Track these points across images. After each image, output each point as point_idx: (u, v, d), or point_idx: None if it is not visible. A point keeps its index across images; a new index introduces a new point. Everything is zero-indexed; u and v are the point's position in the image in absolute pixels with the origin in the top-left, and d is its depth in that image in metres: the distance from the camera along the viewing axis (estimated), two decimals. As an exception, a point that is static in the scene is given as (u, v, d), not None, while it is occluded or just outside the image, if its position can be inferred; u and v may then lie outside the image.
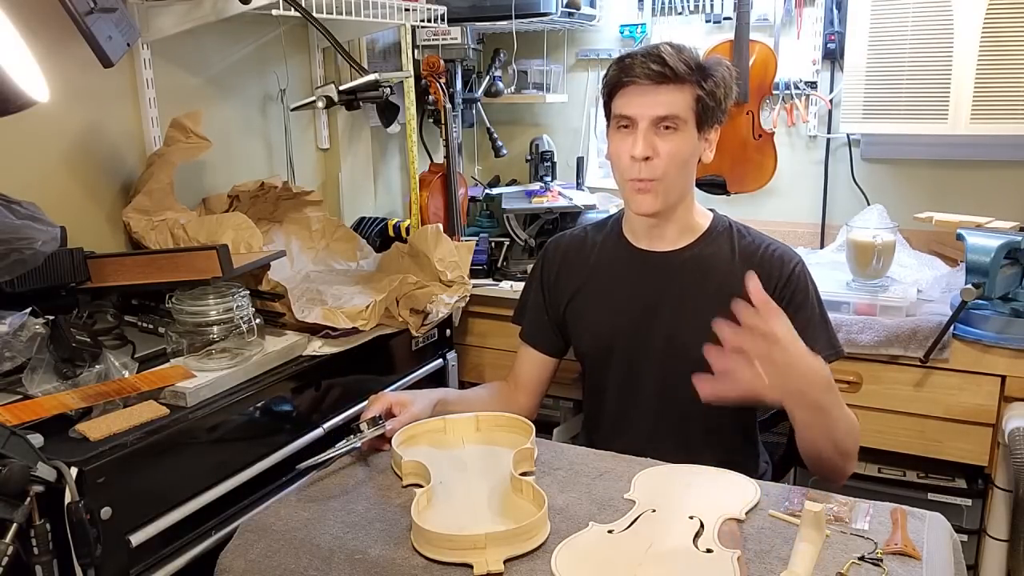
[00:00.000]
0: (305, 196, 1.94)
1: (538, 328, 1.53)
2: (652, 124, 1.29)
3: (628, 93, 1.31)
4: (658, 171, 1.30)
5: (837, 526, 1.03)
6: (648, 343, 1.40)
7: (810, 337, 1.32)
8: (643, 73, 1.28)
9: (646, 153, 1.29)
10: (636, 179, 1.32)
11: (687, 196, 1.40)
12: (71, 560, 1.02)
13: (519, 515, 1.03)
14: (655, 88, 1.28)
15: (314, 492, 1.15)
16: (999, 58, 1.80)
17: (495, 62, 2.41)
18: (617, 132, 1.34)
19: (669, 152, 1.30)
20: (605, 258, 1.47)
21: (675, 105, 1.29)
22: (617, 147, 1.34)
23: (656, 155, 1.30)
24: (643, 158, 1.29)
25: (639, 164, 1.30)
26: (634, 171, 1.31)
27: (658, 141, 1.30)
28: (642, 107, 1.29)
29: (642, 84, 1.29)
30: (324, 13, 1.70)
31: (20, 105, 1.13)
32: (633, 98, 1.30)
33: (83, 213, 1.59)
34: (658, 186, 1.32)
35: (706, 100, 1.30)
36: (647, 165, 1.30)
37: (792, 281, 1.36)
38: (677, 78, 1.28)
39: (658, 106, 1.29)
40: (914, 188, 2.19)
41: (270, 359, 1.43)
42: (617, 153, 1.34)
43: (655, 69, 1.27)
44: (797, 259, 1.39)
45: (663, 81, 1.28)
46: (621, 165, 1.34)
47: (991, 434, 1.68)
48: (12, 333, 1.23)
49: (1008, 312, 1.63)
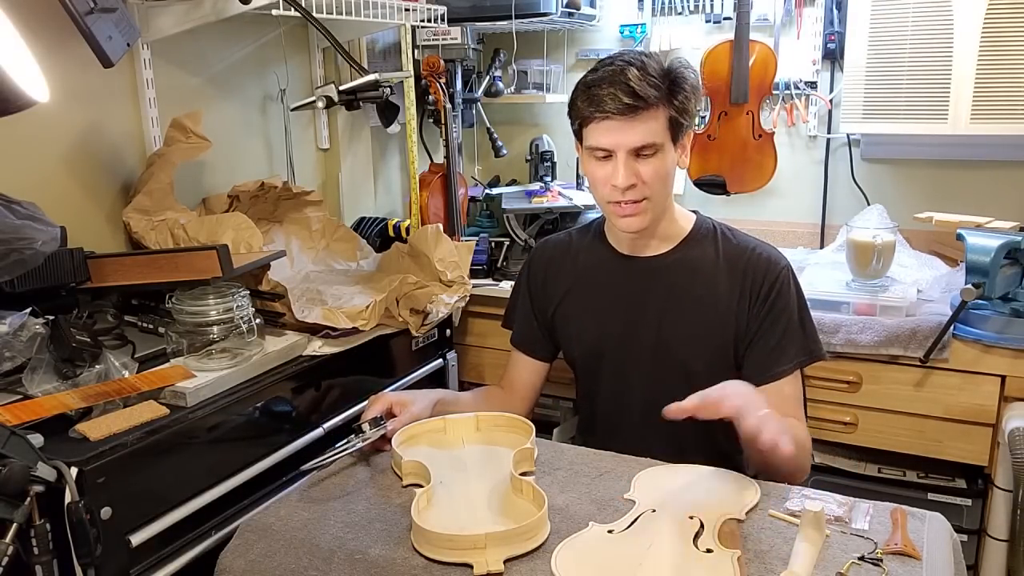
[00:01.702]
0: (305, 196, 1.94)
1: (528, 334, 1.53)
2: (630, 155, 1.27)
3: (600, 128, 1.28)
4: (644, 193, 1.30)
5: (837, 526, 1.03)
6: (636, 347, 1.40)
7: (782, 345, 1.34)
8: (614, 108, 1.24)
9: (629, 182, 1.28)
10: (619, 203, 1.30)
11: (669, 203, 1.39)
12: (71, 560, 1.02)
13: (519, 515, 1.03)
14: (628, 121, 1.25)
15: (314, 492, 1.15)
16: (999, 58, 1.79)
17: (495, 62, 2.41)
18: (593, 160, 1.32)
19: (652, 174, 1.29)
20: (590, 263, 1.47)
21: (650, 133, 1.26)
22: (595, 173, 1.32)
23: (640, 181, 1.28)
24: (627, 186, 1.28)
25: (621, 191, 1.29)
26: (616, 196, 1.30)
27: (639, 166, 1.28)
28: (619, 138, 1.27)
29: (614, 119, 1.26)
30: (324, 13, 1.70)
31: (20, 105, 1.13)
32: (606, 133, 1.27)
33: (83, 213, 1.59)
34: (645, 206, 1.31)
35: (678, 118, 1.29)
36: (632, 190, 1.29)
37: (775, 286, 1.35)
38: (648, 105, 1.25)
39: (634, 138, 1.26)
40: (914, 188, 2.19)
41: (270, 359, 1.43)
42: (595, 178, 1.33)
43: (626, 103, 1.24)
44: (783, 263, 1.38)
45: (635, 113, 1.25)
46: (602, 191, 1.32)
47: (991, 434, 1.68)
48: (12, 333, 1.23)
49: (1008, 312, 1.63)
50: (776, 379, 1.34)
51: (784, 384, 1.34)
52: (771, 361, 1.34)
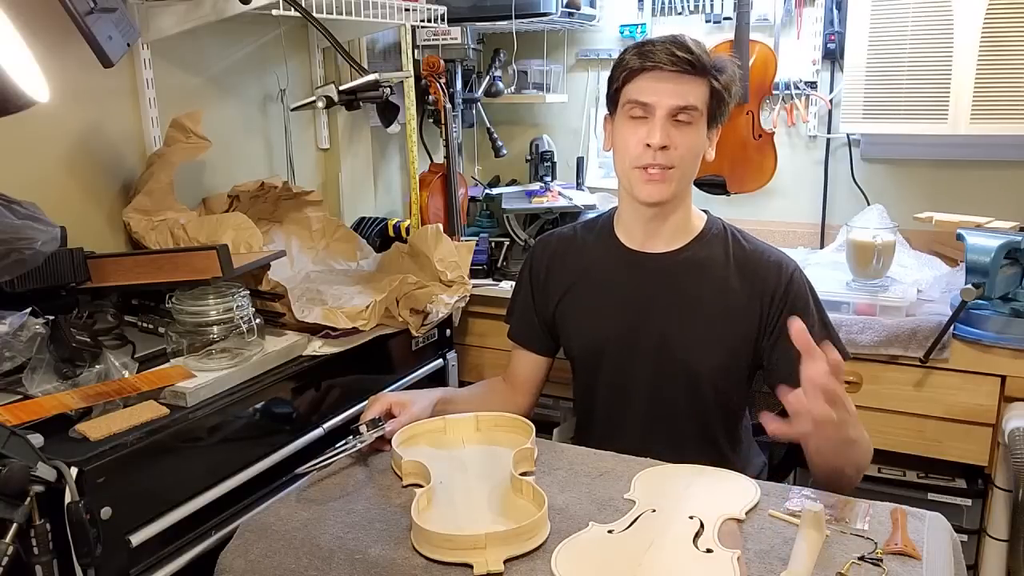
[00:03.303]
0: (305, 196, 1.94)
1: (528, 328, 1.52)
2: (669, 114, 1.27)
3: (647, 79, 1.28)
4: (674, 159, 1.28)
5: (837, 526, 1.03)
6: (639, 346, 1.39)
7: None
8: (668, 60, 1.25)
9: (664, 142, 1.26)
10: (649, 166, 1.29)
11: (688, 192, 1.38)
12: (71, 560, 1.02)
13: (519, 515, 1.03)
14: (677, 76, 1.26)
15: (314, 492, 1.15)
16: (999, 58, 1.80)
17: (495, 62, 2.41)
18: (628, 120, 1.30)
19: (686, 143, 1.28)
20: (596, 259, 1.45)
21: (695, 96, 1.27)
22: (627, 135, 1.30)
23: (672, 145, 1.28)
24: (661, 147, 1.27)
25: (653, 152, 1.27)
26: (647, 158, 1.28)
27: (675, 132, 1.28)
28: (663, 94, 1.26)
29: (665, 71, 1.26)
30: (324, 13, 1.70)
31: (20, 105, 1.13)
32: (653, 84, 1.27)
33: (83, 213, 1.59)
34: (674, 174, 1.29)
35: (721, 95, 1.29)
36: (663, 153, 1.27)
37: (791, 289, 1.34)
38: (698, 69, 1.26)
39: (679, 95, 1.26)
40: (914, 188, 2.19)
41: (270, 359, 1.43)
42: (626, 142, 1.31)
43: (681, 56, 1.25)
44: (794, 266, 1.37)
45: (686, 70, 1.26)
46: (631, 153, 1.30)
47: (991, 434, 1.68)
48: (12, 333, 1.23)
49: (1008, 312, 1.63)
50: None
51: None
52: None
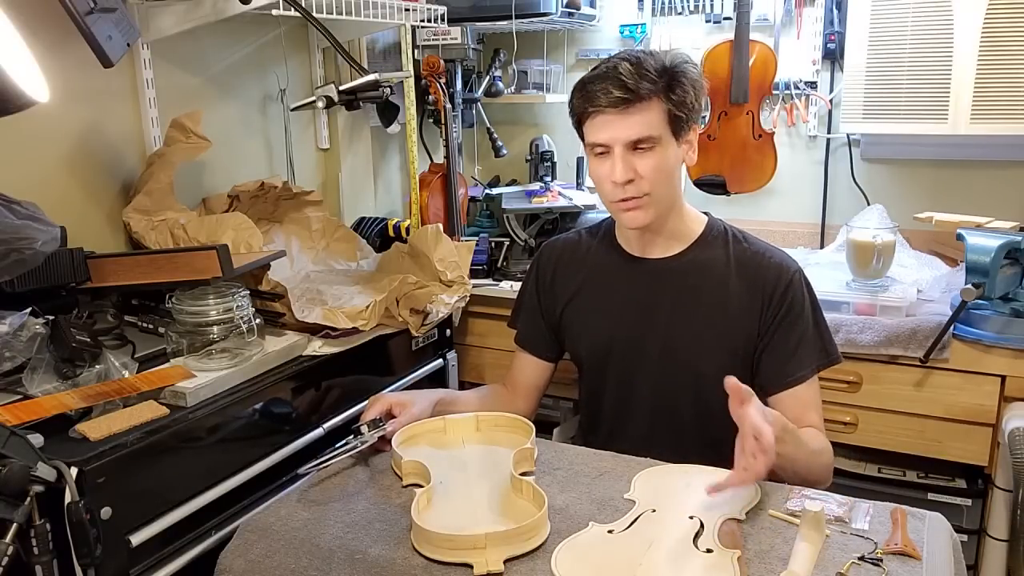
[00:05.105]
0: (305, 196, 1.94)
1: (534, 333, 1.53)
2: (627, 148, 1.27)
3: (597, 120, 1.29)
4: (644, 188, 1.29)
5: (837, 526, 1.03)
6: (644, 349, 1.40)
7: (799, 350, 1.34)
8: (606, 102, 1.25)
9: (627, 177, 1.28)
10: (622, 200, 1.30)
11: (676, 203, 1.38)
12: (71, 560, 1.02)
13: (519, 515, 1.03)
14: (621, 114, 1.26)
15: (314, 492, 1.15)
16: (999, 58, 1.79)
17: (495, 62, 2.41)
18: (595, 158, 1.33)
19: (650, 169, 1.28)
20: (599, 263, 1.46)
21: (645, 126, 1.26)
22: (597, 171, 1.33)
23: (638, 176, 1.28)
24: (625, 181, 1.28)
25: (622, 187, 1.29)
26: (618, 193, 1.30)
27: (637, 161, 1.28)
28: (614, 131, 1.27)
29: (607, 112, 1.26)
30: (324, 13, 1.70)
31: (20, 105, 1.13)
32: (602, 127, 1.28)
33: (83, 213, 1.59)
34: (647, 201, 1.30)
35: (675, 111, 1.28)
36: (631, 186, 1.29)
37: (789, 292, 1.34)
38: (641, 98, 1.25)
39: (628, 131, 1.26)
40: (914, 188, 2.19)
41: (270, 359, 1.43)
42: (599, 177, 1.33)
43: (617, 96, 1.24)
44: (795, 268, 1.37)
45: (628, 105, 1.25)
46: (604, 189, 1.33)
47: (991, 434, 1.68)
48: (12, 333, 1.23)
49: (1008, 312, 1.63)
50: (795, 385, 1.33)
51: (802, 390, 1.34)
52: (789, 367, 1.34)
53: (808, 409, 1.33)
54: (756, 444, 1.01)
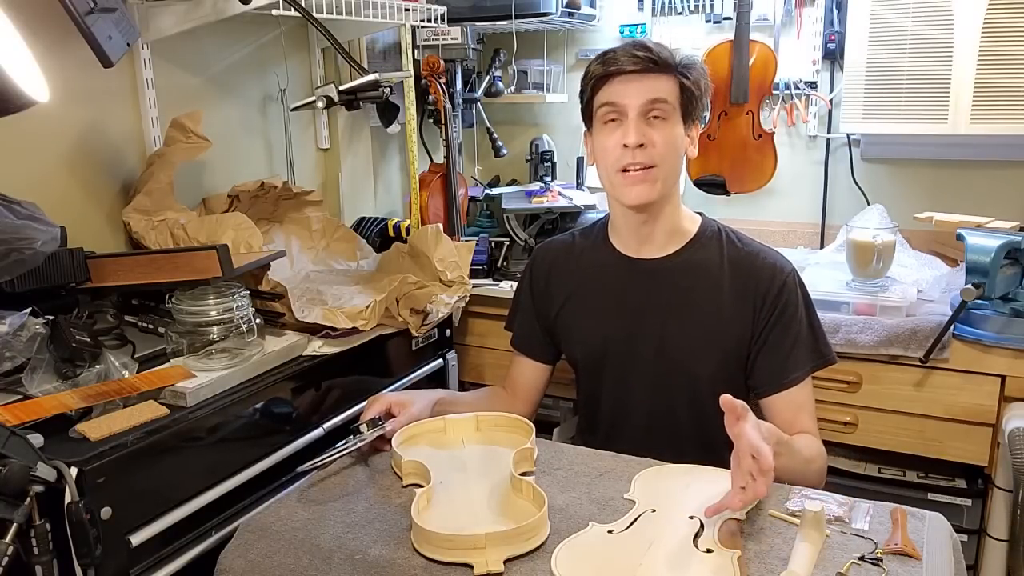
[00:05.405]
0: (305, 196, 1.94)
1: (530, 336, 1.53)
2: (641, 113, 1.28)
3: (614, 83, 1.30)
4: (654, 157, 1.29)
5: (837, 526, 1.03)
6: (639, 350, 1.39)
7: (793, 352, 1.33)
8: (630, 61, 1.28)
9: (640, 139, 1.27)
10: (630, 167, 1.29)
11: (676, 193, 1.38)
12: (71, 560, 1.02)
13: (519, 515, 1.03)
14: (642, 75, 1.29)
15: (314, 492, 1.15)
16: (999, 58, 1.79)
17: (495, 62, 2.41)
18: (604, 127, 1.32)
19: (661, 139, 1.29)
20: (594, 265, 1.45)
21: (663, 90, 1.29)
22: (604, 140, 1.32)
23: (649, 143, 1.28)
24: (637, 145, 1.27)
25: (631, 151, 1.28)
26: (626, 158, 1.29)
27: (649, 131, 1.29)
28: (630, 94, 1.28)
29: (628, 72, 1.29)
30: (324, 13, 1.70)
31: (20, 105, 1.13)
32: (621, 86, 1.29)
33: (83, 213, 1.59)
34: (656, 173, 1.30)
35: (691, 90, 1.31)
36: (641, 151, 1.28)
37: (783, 294, 1.34)
38: (662, 66, 1.29)
39: (647, 90, 1.28)
40: (914, 188, 2.19)
41: (270, 359, 1.43)
42: (605, 147, 1.32)
43: (641, 55, 1.28)
44: (789, 269, 1.36)
45: (650, 68, 1.28)
46: (611, 157, 1.31)
47: (991, 434, 1.68)
48: (12, 333, 1.23)
49: (1008, 312, 1.63)
50: (789, 386, 1.33)
51: (796, 391, 1.33)
52: (783, 368, 1.33)
53: (801, 411, 1.33)
54: (754, 464, 0.98)
